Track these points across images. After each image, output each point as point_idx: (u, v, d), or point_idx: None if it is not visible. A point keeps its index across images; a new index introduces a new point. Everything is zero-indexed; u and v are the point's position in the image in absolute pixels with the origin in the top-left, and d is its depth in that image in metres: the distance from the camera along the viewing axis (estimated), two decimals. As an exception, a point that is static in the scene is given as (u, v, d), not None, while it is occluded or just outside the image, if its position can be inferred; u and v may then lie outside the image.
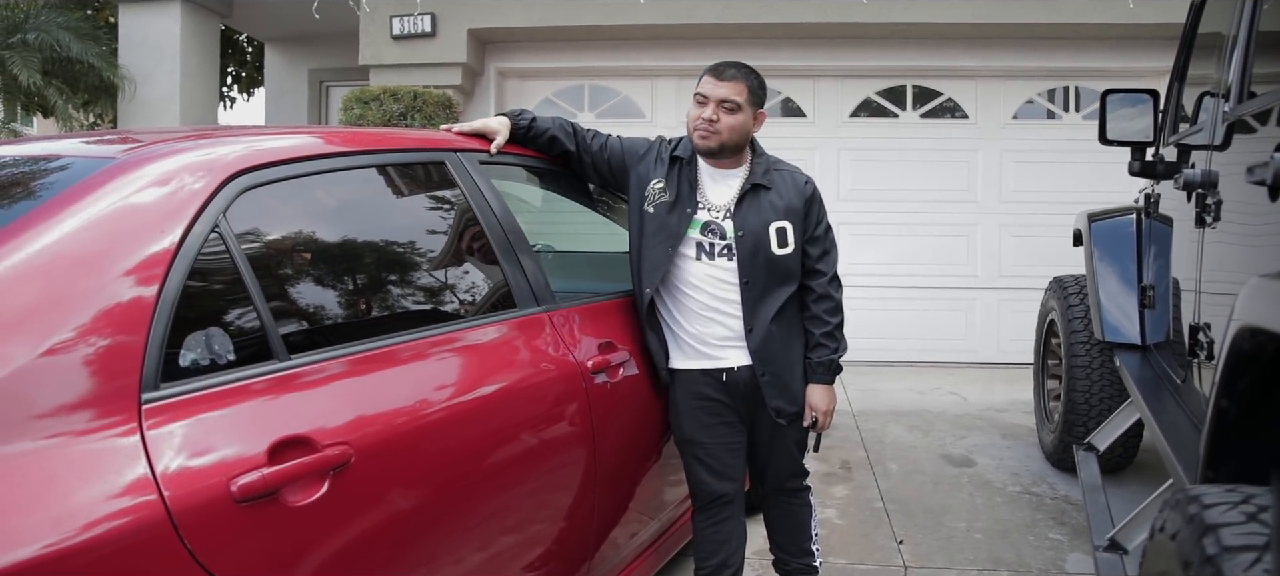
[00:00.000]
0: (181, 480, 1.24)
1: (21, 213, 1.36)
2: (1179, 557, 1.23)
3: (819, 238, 2.35)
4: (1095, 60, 6.49)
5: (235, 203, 1.52)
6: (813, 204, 2.35)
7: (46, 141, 1.79)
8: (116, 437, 1.22)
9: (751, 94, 2.29)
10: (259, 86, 10.73)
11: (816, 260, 2.34)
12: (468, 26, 6.46)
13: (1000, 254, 6.76)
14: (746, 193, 2.30)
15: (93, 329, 1.26)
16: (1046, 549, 3.17)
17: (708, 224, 2.30)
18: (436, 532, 1.63)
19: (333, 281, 1.78)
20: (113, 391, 1.25)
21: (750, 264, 2.26)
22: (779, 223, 2.28)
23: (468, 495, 1.70)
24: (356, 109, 6.04)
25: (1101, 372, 3.59)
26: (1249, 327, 1.34)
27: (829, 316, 2.34)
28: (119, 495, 1.18)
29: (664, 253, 2.28)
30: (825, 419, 2.37)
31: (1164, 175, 3.00)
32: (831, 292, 2.35)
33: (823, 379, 2.34)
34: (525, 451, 1.87)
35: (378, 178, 1.96)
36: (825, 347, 2.33)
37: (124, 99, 7.09)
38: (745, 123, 2.29)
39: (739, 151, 2.33)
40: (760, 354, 2.27)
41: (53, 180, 1.52)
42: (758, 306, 2.27)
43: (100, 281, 1.30)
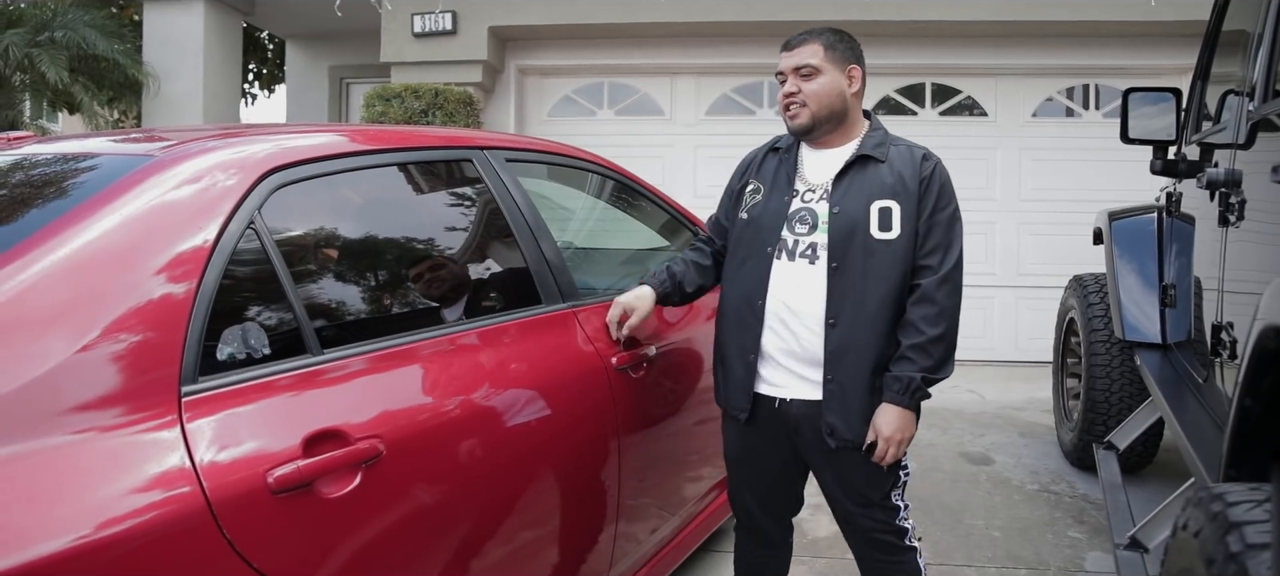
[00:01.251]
0: (220, 471, 1.27)
1: (63, 210, 1.39)
2: (1202, 555, 1.24)
3: (936, 226, 1.93)
4: (1115, 58, 6.46)
5: (269, 199, 1.55)
6: (932, 185, 1.94)
7: (82, 140, 1.83)
8: (158, 429, 1.25)
9: (831, 51, 1.97)
10: (280, 83, 10.84)
11: (927, 253, 1.93)
12: (488, 24, 6.50)
13: (1019, 252, 6.74)
14: (851, 165, 1.97)
15: (133, 323, 1.29)
16: (1065, 547, 3.17)
17: (799, 212, 1.99)
18: (463, 526, 1.66)
19: (363, 277, 1.81)
20: (153, 384, 1.28)
21: (843, 245, 1.92)
22: (883, 201, 1.92)
23: (494, 489, 1.73)
24: (378, 106, 6.09)
25: (1122, 371, 3.58)
26: (1274, 327, 1.35)
27: (925, 325, 1.89)
28: (161, 485, 1.21)
29: (759, 259, 2.00)
30: (885, 447, 1.89)
31: (1186, 174, 2.99)
32: (937, 297, 1.90)
33: (897, 399, 1.88)
34: (551, 446, 1.90)
35: (406, 175, 1.99)
36: (911, 362, 1.88)
37: (148, 96, 7.18)
38: (833, 84, 1.97)
39: (841, 122, 2.00)
40: (836, 355, 1.91)
41: (91, 178, 1.55)
42: (847, 299, 1.91)
43: (140, 277, 1.33)
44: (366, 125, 2.60)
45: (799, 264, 1.96)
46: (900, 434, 1.90)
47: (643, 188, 2.80)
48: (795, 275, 1.96)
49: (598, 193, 2.87)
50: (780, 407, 2.00)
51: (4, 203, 1.54)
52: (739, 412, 2.05)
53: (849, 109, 2.00)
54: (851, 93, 2.00)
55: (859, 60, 2.02)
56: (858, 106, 2.04)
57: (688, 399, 2.49)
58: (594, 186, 2.85)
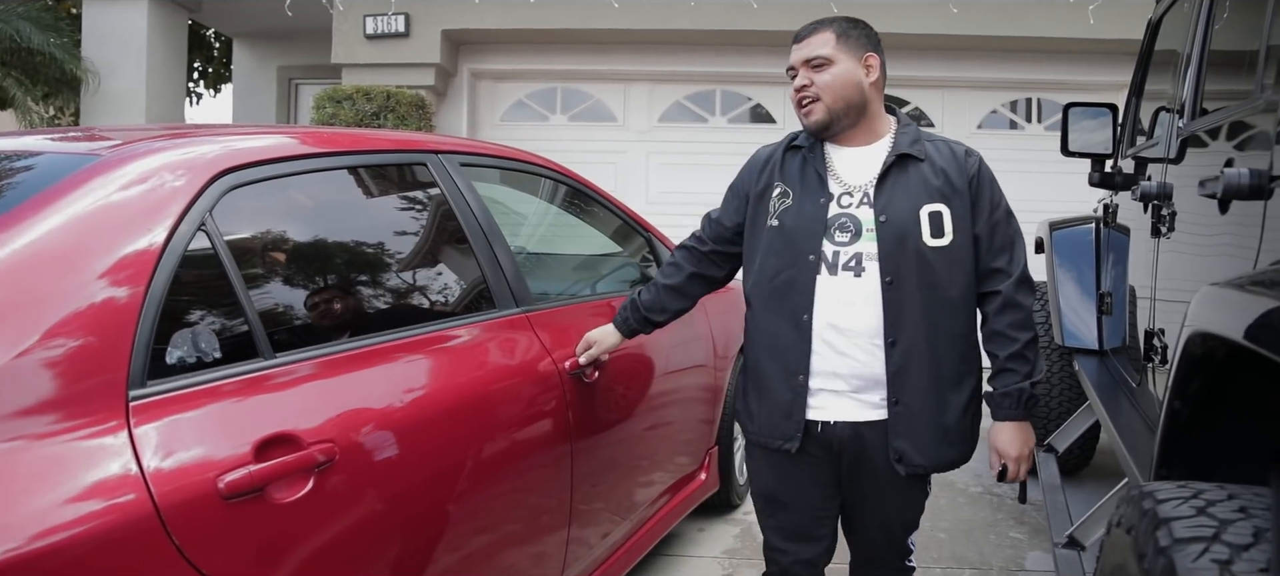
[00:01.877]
0: (169, 477, 1.26)
1: (5, 209, 1.37)
2: (1134, 550, 1.29)
3: (997, 225, 1.82)
4: (1057, 73, 6.66)
5: (221, 201, 1.54)
6: (981, 182, 1.83)
7: (23, 137, 1.79)
8: (105, 434, 1.23)
9: (844, 39, 1.82)
10: (227, 82, 10.63)
11: (994, 256, 1.81)
12: (442, 27, 6.48)
13: (964, 260, 6.88)
14: (891, 166, 1.81)
15: (79, 326, 1.27)
16: (1007, 547, 3.26)
17: (838, 218, 1.82)
18: (417, 531, 1.66)
19: (317, 281, 1.80)
20: (100, 389, 1.26)
21: (895, 257, 1.77)
22: (932, 205, 1.78)
23: (449, 494, 1.73)
24: (329, 107, 6.02)
25: (1061, 376, 3.69)
26: (1200, 333, 1.42)
27: (1016, 332, 1.79)
28: (108, 491, 1.19)
29: (802, 271, 1.82)
30: (1016, 466, 1.84)
31: (1122, 186, 3.10)
32: (1019, 299, 1.80)
33: (1011, 413, 1.81)
34: (505, 451, 1.90)
35: (360, 178, 1.98)
36: (1013, 373, 1.79)
37: (87, 93, 7.00)
38: (849, 74, 1.81)
39: (862, 115, 1.85)
40: (900, 376, 1.77)
41: (35, 177, 1.52)
42: (906, 314, 1.77)
43: (87, 279, 1.31)
44: (319, 127, 2.57)
45: (842, 277, 1.80)
46: (1026, 448, 1.83)
47: (596, 193, 2.82)
48: (841, 290, 1.80)
49: (552, 198, 2.88)
50: (824, 432, 1.84)
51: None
52: (787, 442, 1.86)
53: (868, 100, 1.84)
54: (870, 82, 1.84)
55: (876, 47, 1.86)
56: (879, 98, 1.88)
57: (639, 404, 2.51)
58: (548, 192, 2.86)
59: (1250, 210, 1.62)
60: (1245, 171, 1.57)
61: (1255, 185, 1.56)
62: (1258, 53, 1.73)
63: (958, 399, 1.83)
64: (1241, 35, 1.97)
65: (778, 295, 1.86)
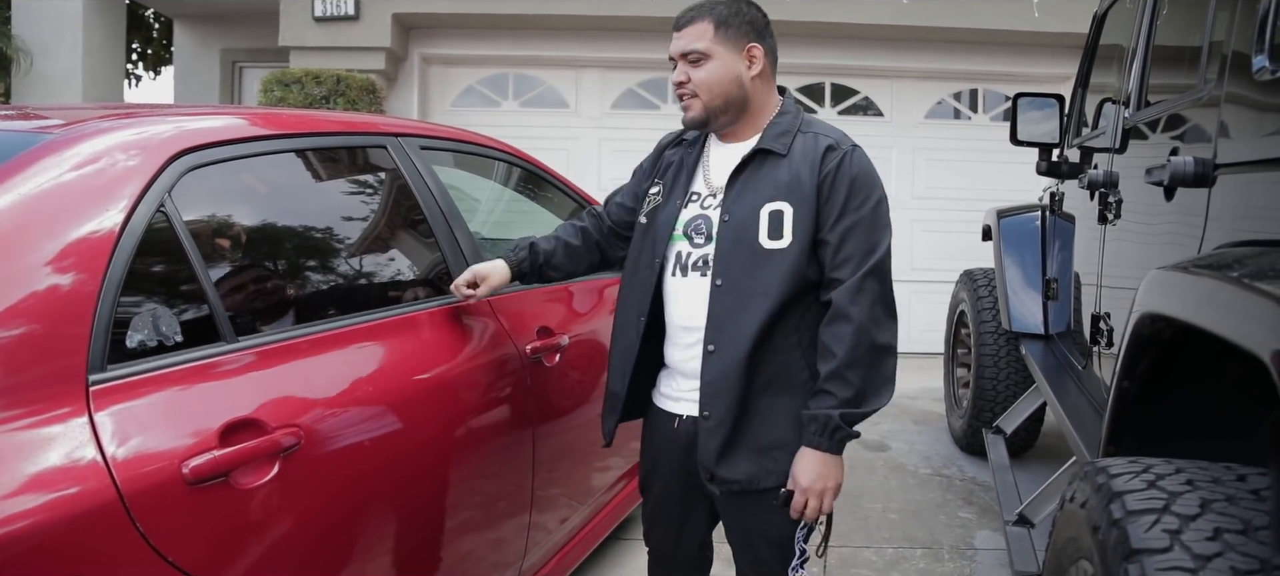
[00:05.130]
0: (132, 462, 1.23)
1: (-47, 190, 1.32)
2: (1088, 523, 1.34)
3: (850, 233, 1.62)
4: (1002, 65, 6.80)
5: (180, 182, 1.51)
6: (836, 183, 1.63)
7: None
8: (64, 420, 1.20)
9: (723, 29, 1.68)
10: (167, 65, 10.33)
11: (834, 262, 1.62)
12: (392, 10, 6.37)
13: (912, 248, 7.01)
14: (747, 162, 1.69)
15: (35, 311, 1.24)
16: (957, 527, 3.34)
17: (695, 220, 1.73)
18: (381, 515, 1.65)
19: (279, 263, 1.77)
20: (58, 373, 1.23)
21: (729, 258, 1.65)
22: (774, 204, 1.64)
23: (413, 478, 1.72)
24: (277, 91, 5.90)
25: (1008, 360, 3.79)
26: (1150, 314, 1.47)
27: (837, 345, 1.59)
28: (70, 478, 1.17)
29: (647, 271, 1.77)
30: (804, 499, 1.61)
31: (1068, 175, 3.19)
32: (850, 311, 1.59)
33: (815, 441, 1.60)
34: (468, 435, 1.90)
35: (320, 160, 1.95)
36: (825, 395, 1.60)
37: (19, 73, 6.76)
38: (728, 70, 1.68)
39: (744, 110, 1.72)
40: (713, 385, 1.65)
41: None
42: (729, 319, 1.64)
43: (43, 262, 1.28)
44: (274, 109, 2.53)
45: (692, 278, 1.72)
46: (821, 482, 1.61)
47: (553, 177, 2.81)
48: (690, 291, 1.72)
49: (508, 181, 2.87)
50: (678, 427, 1.77)
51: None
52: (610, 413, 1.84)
53: (750, 95, 1.71)
54: (752, 75, 1.70)
55: (761, 35, 1.71)
56: (765, 90, 1.74)
57: (597, 388, 2.51)
58: (505, 175, 2.85)
59: (1195, 197, 1.68)
60: (1191, 160, 1.64)
61: (1200, 173, 1.62)
62: (1200, 48, 1.80)
63: (780, 415, 1.66)
64: (1185, 30, 2.04)
65: (629, 291, 1.82)
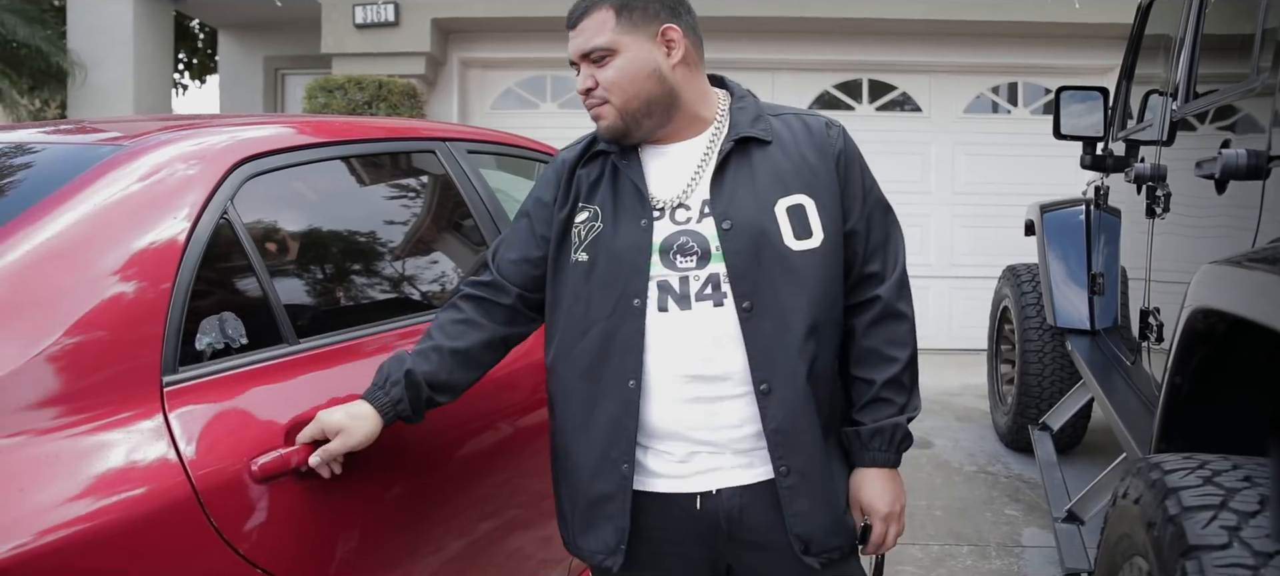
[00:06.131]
0: (205, 459, 1.28)
1: (32, 202, 1.38)
2: (1143, 519, 1.34)
3: (873, 216, 1.42)
4: (1043, 57, 6.72)
5: (241, 190, 1.56)
6: (851, 161, 1.42)
7: (37, 130, 1.80)
8: (142, 420, 1.25)
9: (625, 16, 1.37)
10: (212, 73, 10.56)
11: (866, 257, 1.41)
12: (431, 16, 6.46)
13: (953, 244, 6.96)
14: (729, 156, 1.39)
15: (112, 316, 1.29)
16: (1003, 524, 3.32)
17: (674, 238, 1.38)
18: (438, 509, 1.69)
19: (335, 266, 1.82)
20: (135, 375, 1.28)
21: (751, 273, 1.34)
22: (791, 198, 1.36)
23: (468, 474, 1.76)
24: (321, 98, 6.01)
25: (1053, 356, 3.76)
26: (1202, 310, 1.46)
27: (896, 349, 1.40)
28: (149, 474, 1.22)
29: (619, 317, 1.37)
30: (886, 528, 1.40)
31: (1113, 169, 3.16)
32: (899, 307, 1.41)
33: (883, 457, 1.39)
34: (518, 432, 1.93)
35: (372, 166, 2.00)
36: (887, 404, 1.39)
37: (74, 85, 6.96)
38: (641, 63, 1.37)
39: (672, 107, 1.40)
40: (783, 434, 1.33)
41: (57, 170, 1.53)
42: (777, 348, 1.34)
43: (117, 269, 1.33)
44: (327, 116, 2.58)
45: (700, 309, 1.35)
46: (898, 502, 1.41)
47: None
48: (698, 326, 1.36)
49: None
50: (706, 505, 1.38)
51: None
52: (608, 557, 1.39)
53: (676, 88, 1.40)
54: (674, 63, 1.39)
55: (675, 13, 1.41)
56: (693, 78, 1.43)
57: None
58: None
59: (1248, 190, 1.66)
60: (1243, 152, 1.62)
61: (1253, 165, 1.61)
62: (1253, 36, 1.78)
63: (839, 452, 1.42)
64: (1236, 19, 2.02)
65: (592, 357, 1.39)
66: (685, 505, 1.39)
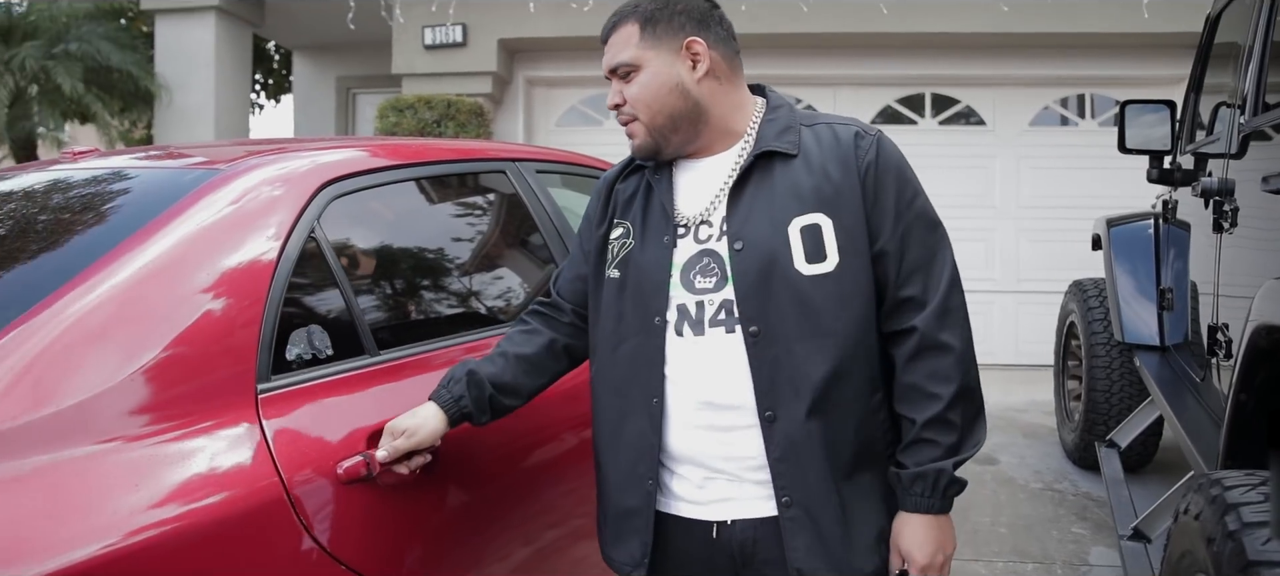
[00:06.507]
0: (295, 462, 1.37)
1: (142, 222, 1.49)
2: (1203, 535, 1.35)
3: (910, 234, 1.31)
4: (1111, 68, 6.60)
5: (326, 210, 1.66)
6: (882, 173, 1.31)
7: (142, 155, 1.94)
8: (238, 424, 1.35)
9: (649, 30, 1.36)
10: (286, 93, 10.94)
11: (906, 281, 1.31)
12: (497, 36, 6.63)
13: (1018, 258, 6.86)
14: (749, 171, 1.35)
15: (211, 327, 1.40)
16: (1069, 542, 3.28)
17: (695, 259, 1.36)
18: (508, 512, 1.76)
19: (413, 282, 1.92)
20: (232, 383, 1.38)
21: (758, 297, 1.30)
22: (806, 217, 1.29)
23: (535, 480, 1.83)
24: (392, 117, 6.21)
25: (1121, 373, 3.70)
26: (1265, 326, 1.46)
27: (937, 385, 1.28)
28: (245, 475, 1.31)
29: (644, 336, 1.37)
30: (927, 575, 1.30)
31: (1181, 182, 3.11)
32: (943, 338, 1.29)
33: (924, 503, 1.29)
34: (581, 443, 1.99)
35: (446, 186, 2.10)
36: (931, 445, 1.28)
37: (161, 106, 7.29)
38: (664, 78, 1.36)
39: (702, 122, 1.38)
40: (786, 464, 1.29)
41: (163, 192, 1.65)
42: (782, 375, 1.29)
43: (216, 284, 1.43)
44: (406, 139, 2.71)
45: (713, 336, 1.33)
46: (941, 553, 1.31)
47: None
48: (711, 353, 1.34)
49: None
50: (721, 535, 1.36)
51: (85, 214, 1.65)
52: (634, 568, 1.41)
53: (703, 103, 1.37)
54: (698, 77, 1.36)
55: (703, 25, 1.38)
56: (724, 92, 1.39)
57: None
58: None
59: (1315, 206, 1.65)
60: (1311, 168, 1.61)
61: (1320, 181, 1.60)
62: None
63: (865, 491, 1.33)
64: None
65: (613, 368, 1.42)
66: (703, 532, 1.37)
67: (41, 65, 6.77)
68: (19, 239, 1.59)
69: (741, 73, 1.44)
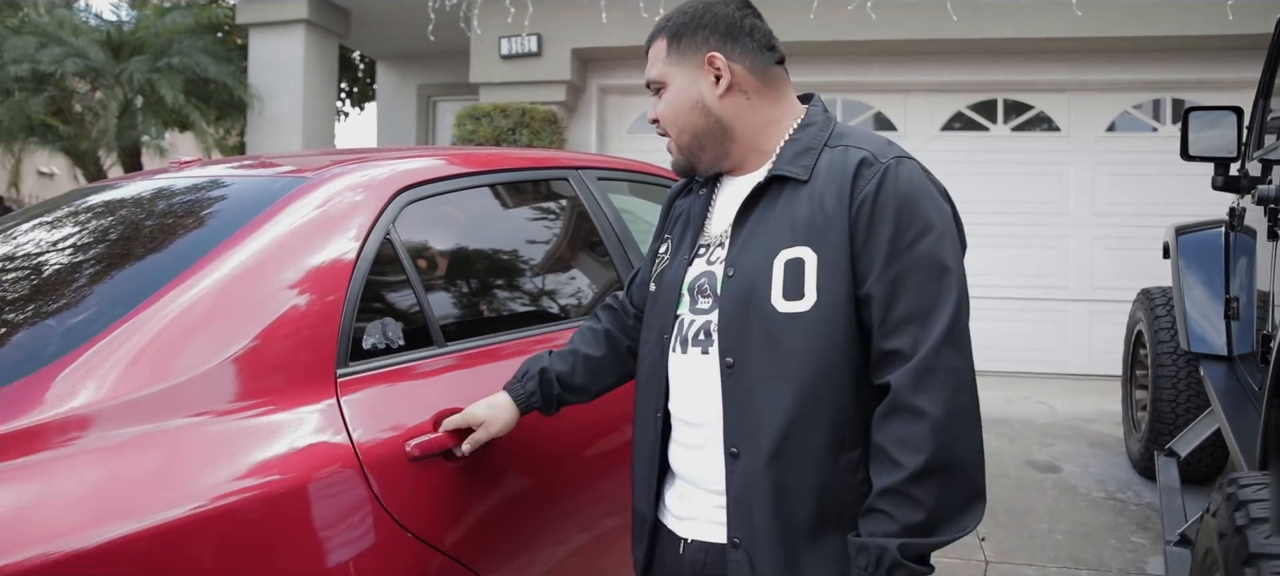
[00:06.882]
0: (369, 439, 1.53)
1: (241, 223, 1.68)
2: (1217, 530, 1.41)
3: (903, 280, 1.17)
4: (1193, 72, 6.44)
5: (401, 214, 1.82)
6: (878, 207, 1.18)
7: (239, 165, 2.14)
8: (320, 403, 1.52)
9: (675, 46, 1.34)
10: (369, 100, 11.37)
11: (887, 330, 1.18)
12: (571, 46, 6.82)
13: (1093, 266, 6.74)
14: (761, 194, 1.29)
15: (299, 317, 1.57)
16: (1128, 551, 3.27)
17: (700, 277, 1.35)
18: (562, 490, 1.90)
19: (478, 279, 2.08)
20: (316, 367, 1.55)
21: (737, 327, 1.25)
22: (791, 251, 1.22)
23: (588, 464, 1.97)
24: (469, 124, 6.45)
25: (1187, 382, 3.65)
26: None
27: (900, 453, 1.14)
28: (326, 449, 1.47)
29: (656, 349, 1.40)
30: None
31: (1247, 189, 3.08)
32: (915, 402, 1.14)
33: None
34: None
35: (511, 192, 2.25)
36: (883, 517, 1.15)
37: (253, 115, 7.70)
38: (685, 95, 1.34)
39: (727, 141, 1.34)
40: (740, 507, 1.24)
41: (258, 196, 1.84)
42: (747, 411, 1.24)
43: (304, 278, 1.61)
44: (475, 148, 2.88)
45: (692, 354, 1.33)
46: None
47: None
48: (689, 371, 1.33)
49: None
50: (685, 552, 1.35)
51: (189, 218, 1.84)
52: (639, 568, 1.46)
53: (726, 119, 1.33)
54: (719, 93, 1.32)
55: (730, 38, 1.32)
56: (753, 108, 1.34)
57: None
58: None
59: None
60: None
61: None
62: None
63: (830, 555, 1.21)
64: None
65: (641, 376, 1.45)
66: (675, 546, 1.38)
67: (147, 78, 7.23)
68: (135, 240, 1.79)
69: (780, 85, 1.37)
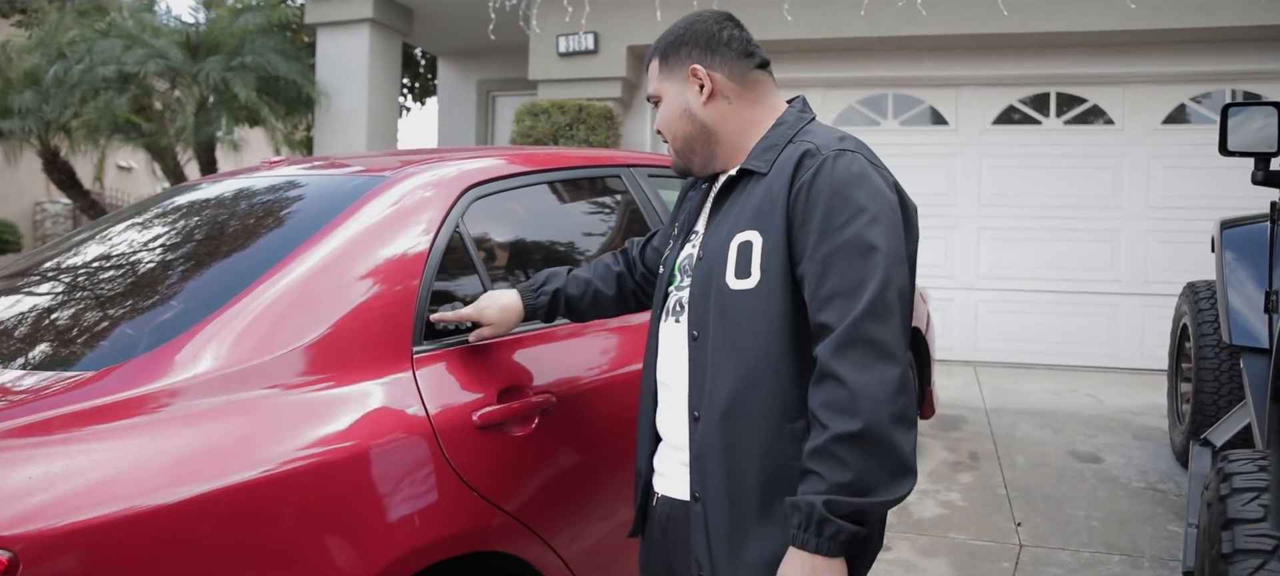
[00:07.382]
0: (441, 408, 1.74)
1: (331, 216, 1.89)
2: (1207, 501, 1.54)
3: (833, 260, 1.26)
4: (1254, 62, 6.38)
5: (468, 210, 2.03)
6: (811, 196, 1.30)
7: (322, 165, 2.36)
8: (399, 375, 1.73)
9: (665, 61, 1.50)
10: (431, 95, 11.71)
11: (821, 306, 1.26)
12: (627, 43, 7.00)
13: (1146, 260, 6.71)
14: (732, 187, 1.45)
15: (381, 302, 1.77)
16: (1163, 539, 3.35)
17: (686, 258, 1.53)
18: (612, 461, 2.08)
19: (537, 268, 2.26)
20: (395, 344, 1.76)
21: (701, 302, 1.41)
22: (744, 234, 1.37)
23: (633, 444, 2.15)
24: (527, 120, 6.67)
25: (1229, 375, 3.70)
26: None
27: (826, 414, 1.22)
28: (405, 416, 1.68)
29: (655, 314, 1.59)
30: None
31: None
32: (838, 369, 1.22)
33: (799, 538, 1.22)
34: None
35: (569, 188, 2.44)
36: (814, 478, 1.22)
37: (320, 110, 8.04)
38: (675, 105, 1.50)
39: (713, 145, 1.49)
40: (700, 464, 1.38)
41: (344, 193, 2.05)
42: (705, 379, 1.38)
43: (386, 265, 1.81)
44: (532, 148, 3.08)
45: (668, 323, 1.52)
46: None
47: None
48: (669, 340, 1.51)
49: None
50: (657, 506, 1.53)
51: (283, 213, 2.07)
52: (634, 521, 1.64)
53: (710, 124, 1.48)
54: (703, 101, 1.46)
55: (710, 50, 1.46)
56: (735, 112, 1.47)
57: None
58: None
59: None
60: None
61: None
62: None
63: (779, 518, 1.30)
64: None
65: (647, 346, 1.62)
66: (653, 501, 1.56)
67: (222, 76, 7.60)
68: (243, 233, 2.01)
69: (760, 88, 1.50)
